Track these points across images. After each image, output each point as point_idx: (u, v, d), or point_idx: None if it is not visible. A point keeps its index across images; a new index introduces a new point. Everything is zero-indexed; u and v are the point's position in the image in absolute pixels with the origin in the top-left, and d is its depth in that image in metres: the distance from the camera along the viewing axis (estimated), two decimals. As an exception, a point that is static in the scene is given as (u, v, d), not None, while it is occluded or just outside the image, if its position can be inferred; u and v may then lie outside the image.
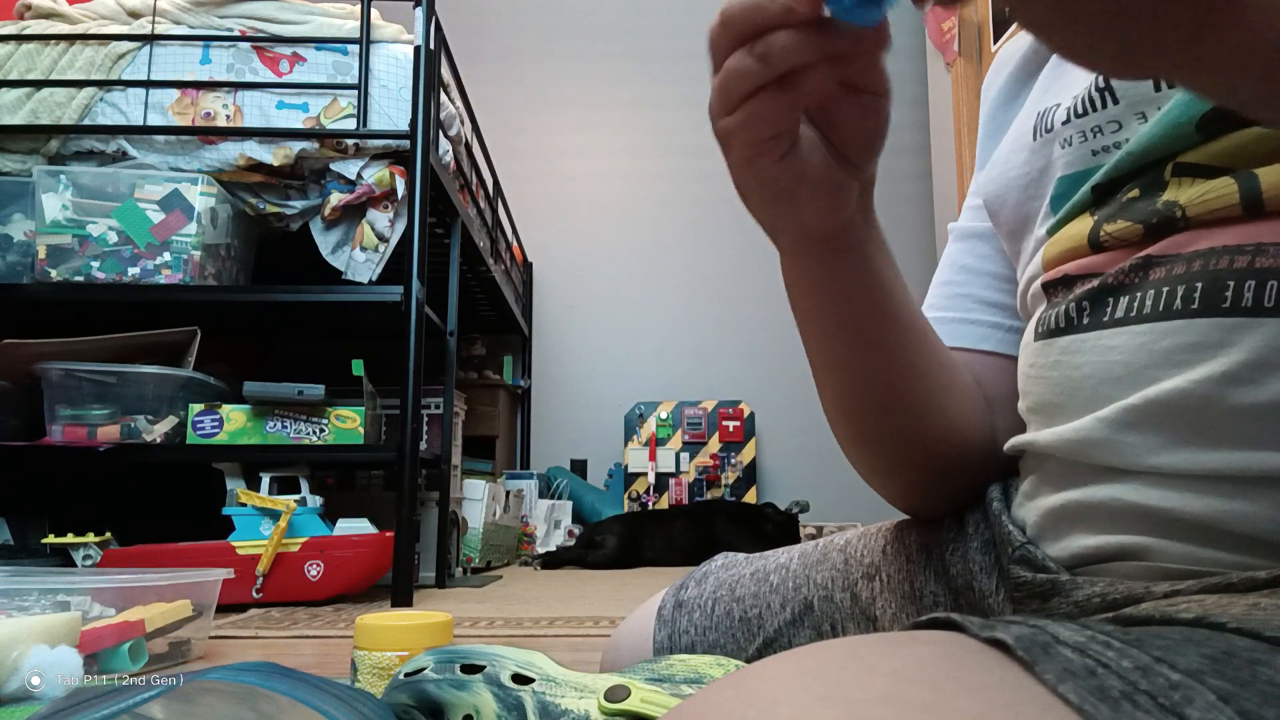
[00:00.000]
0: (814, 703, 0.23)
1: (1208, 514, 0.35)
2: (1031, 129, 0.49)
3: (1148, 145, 0.40)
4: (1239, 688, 0.23)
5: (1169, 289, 0.37)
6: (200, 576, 1.08)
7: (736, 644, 0.59)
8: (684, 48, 3.74)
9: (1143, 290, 0.39)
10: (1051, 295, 0.45)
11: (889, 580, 0.55)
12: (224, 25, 1.88)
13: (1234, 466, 0.35)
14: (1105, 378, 0.39)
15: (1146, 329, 0.38)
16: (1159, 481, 0.37)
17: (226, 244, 1.86)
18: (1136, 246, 0.40)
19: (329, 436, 1.72)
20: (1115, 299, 0.40)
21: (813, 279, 0.48)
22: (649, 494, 3.36)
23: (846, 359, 0.50)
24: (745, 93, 0.37)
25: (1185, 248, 0.38)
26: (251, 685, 0.43)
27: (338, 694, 0.45)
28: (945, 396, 0.51)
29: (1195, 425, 0.36)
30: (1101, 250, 0.42)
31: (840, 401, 0.52)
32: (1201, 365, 0.36)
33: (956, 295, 0.59)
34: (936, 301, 0.60)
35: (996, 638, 0.26)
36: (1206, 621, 0.28)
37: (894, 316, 0.49)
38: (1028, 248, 0.49)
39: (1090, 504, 0.40)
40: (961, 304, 0.58)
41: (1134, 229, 0.40)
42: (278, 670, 0.45)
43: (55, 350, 1.72)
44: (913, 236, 3.64)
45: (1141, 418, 0.37)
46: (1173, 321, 0.37)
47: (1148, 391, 0.37)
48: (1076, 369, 0.41)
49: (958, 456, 0.53)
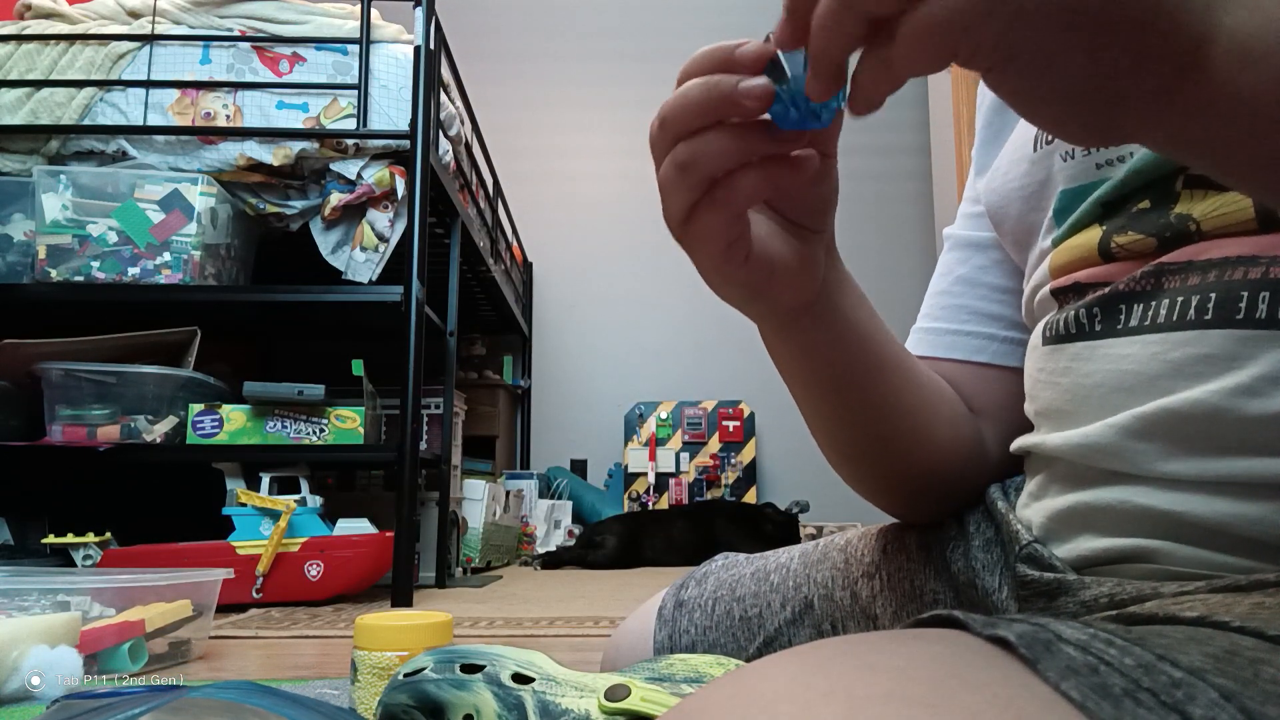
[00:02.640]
0: (816, 700, 0.23)
1: (1216, 518, 0.35)
2: (1031, 139, 0.49)
3: (1158, 159, 0.40)
4: (1241, 686, 0.23)
5: (1183, 299, 0.37)
6: (200, 576, 1.08)
7: (737, 643, 0.59)
8: (684, 48, 3.71)
9: (1156, 299, 0.38)
10: (1062, 301, 0.45)
11: (889, 579, 0.55)
12: (224, 25, 1.88)
13: (1243, 472, 0.35)
14: (1117, 386, 0.39)
15: (1160, 339, 0.38)
16: (1168, 486, 0.37)
17: (226, 244, 1.86)
18: (1149, 257, 0.40)
19: (329, 436, 1.72)
20: (1128, 307, 0.40)
21: (792, 346, 0.48)
22: (649, 494, 3.36)
23: (832, 409, 0.50)
24: (682, 208, 0.37)
25: (1199, 256, 0.38)
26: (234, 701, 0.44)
27: (319, 709, 0.45)
28: (933, 425, 0.52)
29: (1206, 434, 0.36)
30: (1113, 260, 0.42)
31: (830, 441, 0.53)
32: (1215, 378, 0.36)
33: (952, 306, 0.59)
34: (932, 312, 0.60)
35: (999, 635, 0.26)
36: (1209, 620, 0.28)
37: (875, 365, 0.49)
38: (1033, 257, 0.49)
39: (1098, 506, 0.40)
40: (957, 315, 0.58)
41: (1146, 241, 0.40)
42: (257, 687, 0.46)
43: (55, 350, 1.72)
44: (912, 236, 3.64)
45: (1152, 426, 0.37)
46: (1186, 332, 0.37)
47: (1160, 401, 0.37)
48: (1087, 376, 0.41)
49: (949, 473, 0.53)
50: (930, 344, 0.58)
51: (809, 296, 0.44)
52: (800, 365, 0.49)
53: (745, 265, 0.40)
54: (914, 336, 0.60)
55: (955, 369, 0.56)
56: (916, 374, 0.52)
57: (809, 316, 0.45)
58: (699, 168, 0.35)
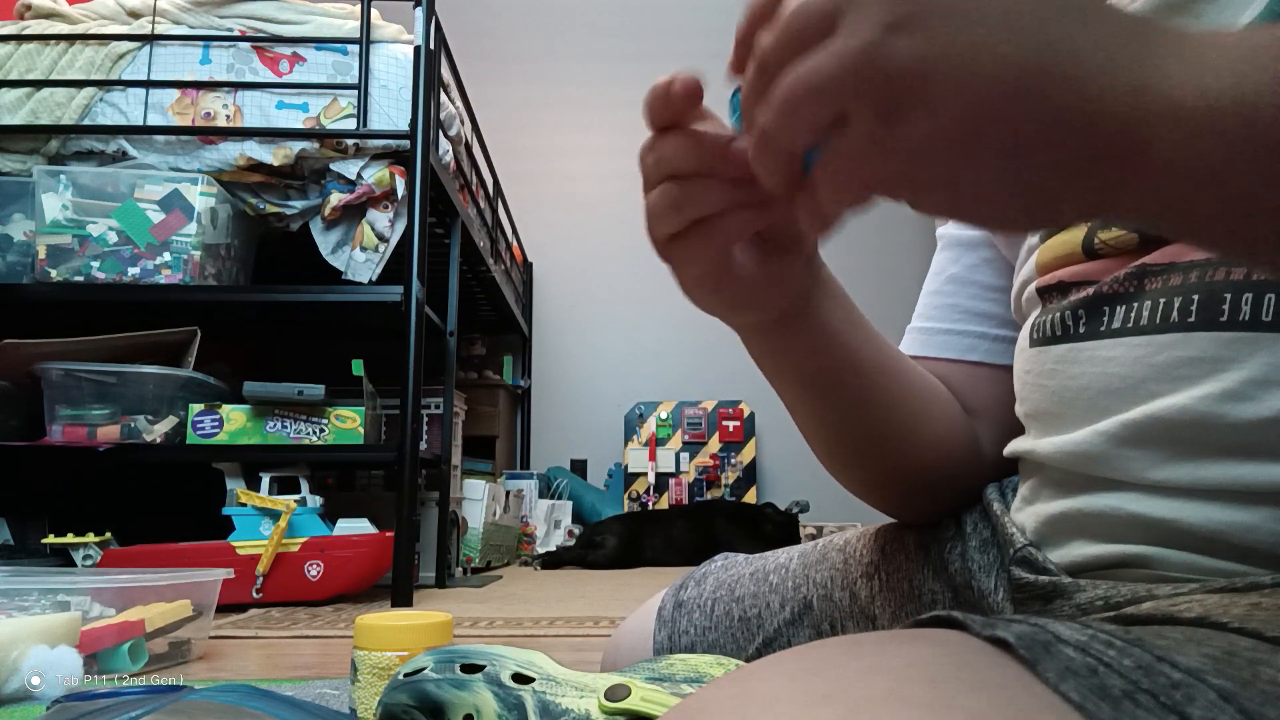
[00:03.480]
0: (816, 701, 0.23)
1: (1209, 526, 0.35)
2: None
3: None
4: (1240, 687, 0.23)
5: (1165, 300, 0.37)
6: (200, 576, 1.08)
7: (736, 644, 0.59)
8: (684, 48, 3.74)
9: (1139, 300, 0.38)
10: (1046, 300, 0.45)
11: (888, 579, 0.55)
12: (224, 25, 1.88)
13: (1234, 479, 0.34)
14: (1103, 389, 0.39)
15: (1144, 341, 0.38)
16: (1159, 493, 0.37)
17: (226, 244, 1.86)
18: (1131, 255, 0.40)
19: (329, 436, 1.72)
20: (1111, 308, 0.40)
21: (773, 353, 0.48)
22: (649, 494, 3.36)
23: (814, 410, 0.51)
24: (667, 235, 0.37)
25: (1181, 257, 0.37)
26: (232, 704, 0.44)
27: (316, 714, 0.45)
28: (924, 424, 0.52)
29: (1195, 440, 0.36)
30: (1096, 257, 0.42)
31: (820, 443, 0.53)
32: (1201, 382, 0.35)
33: (944, 306, 0.59)
34: (926, 312, 0.60)
35: (998, 636, 0.26)
36: (1208, 621, 0.28)
37: (858, 367, 0.49)
38: (1021, 254, 0.49)
39: (1090, 513, 0.40)
40: (949, 314, 0.58)
41: (1129, 237, 0.40)
42: (255, 690, 0.46)
43: (55, 350, 1.72)
44: (912, 237, 3.64)
45: (1140, 432, 0.37)
46: (1170, 335, 0.37)
47: (1147, 407, 0.37)
48: (1074, 379, 0.41)
49: (943, 472, 0.53)
50: (923, 344, 0.59)
51: (787, 308, 0.44)
52: (781, 369, 0.49)
53: (722, 288, 0.40)
54: (908, 337, 0.61)
55: (948, 368, 0.57)
56: (906, 375, 0.52)
57: (788, 325, 0.46)
58: (689, 210, 0.36)
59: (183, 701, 0.43)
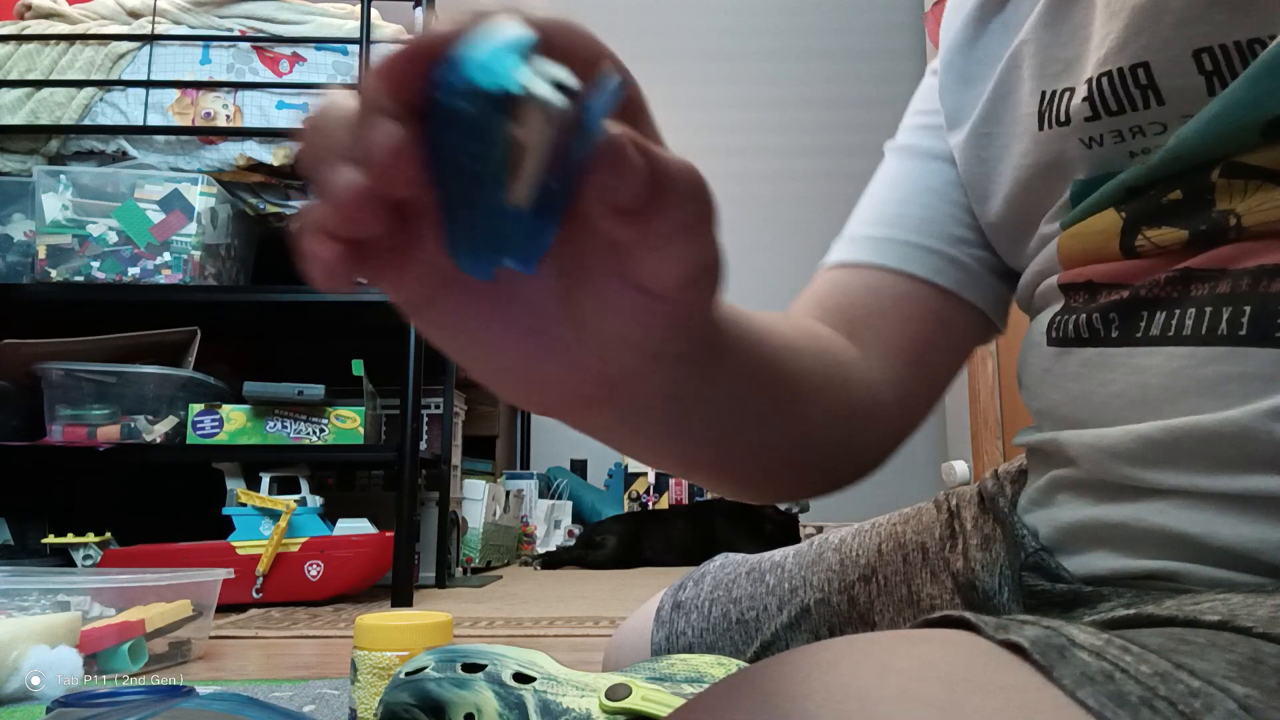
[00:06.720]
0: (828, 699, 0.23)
1: (1240, 541, 0.33)
2: (1036, 114, 0.43)
3: (1197, 145, 0.35)
4: (1265, 695, 0.22)
5: (1212, 309, 0.34)
6: (200, 576, 1.08)
7: (734, 646, 0.59)
8: (684, 48, 3.74)
9: (1181, 307, 0.35)
10: (1071, 298, 0.42)
11: (885, 583, 0.55)
12: (224, 25, 1.88)
13: (1272, 490, 0.32)
14: (1137, 399, 0.37)
15: (1187, 352, 0.35)
16: (1191, 504, 0.35)
17: (226, 244, 1.86)
18: (1175, 257, 0.36)
19: (329, 436, 1.72)
20: (1150, 314, 0.37)
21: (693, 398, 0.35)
22: (649, 494, 3.36)
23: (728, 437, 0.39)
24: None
25: (1232, 263, 0.34)
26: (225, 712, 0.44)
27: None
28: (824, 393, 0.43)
29: (1233, 451, 0.33)
30: (1134, 257, 0.38)
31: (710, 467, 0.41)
32: (1250, 400, 0.33)
33: (922, 219, 0.50)
34: (889, 219, 0.51)
35: (1011, 640, 0.25)
36: (1232, 625, 0.27)
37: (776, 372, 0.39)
38: (1029, 239, 0.46)
39: (1113, 524, 0.38)
40: (925, 229, 0.50)
41: (1177, 235, 0.36)
42: (249, 700, 0.46)
43: (55, 350, 1.72)
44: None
45: (1176, 440, 0.35)
46: (1217, 348, 0.34)
47: (1187, 419, 0.34)
48: (1103, 385, 0.38)
49: (831, 439, 0.45)
50: (885, 252, 0.50)
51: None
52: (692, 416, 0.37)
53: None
54: (852, 244, 0.52)
55: (892, 285, 0.49)
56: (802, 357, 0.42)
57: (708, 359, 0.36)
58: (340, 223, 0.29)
59: (177, 709, 0.43)
